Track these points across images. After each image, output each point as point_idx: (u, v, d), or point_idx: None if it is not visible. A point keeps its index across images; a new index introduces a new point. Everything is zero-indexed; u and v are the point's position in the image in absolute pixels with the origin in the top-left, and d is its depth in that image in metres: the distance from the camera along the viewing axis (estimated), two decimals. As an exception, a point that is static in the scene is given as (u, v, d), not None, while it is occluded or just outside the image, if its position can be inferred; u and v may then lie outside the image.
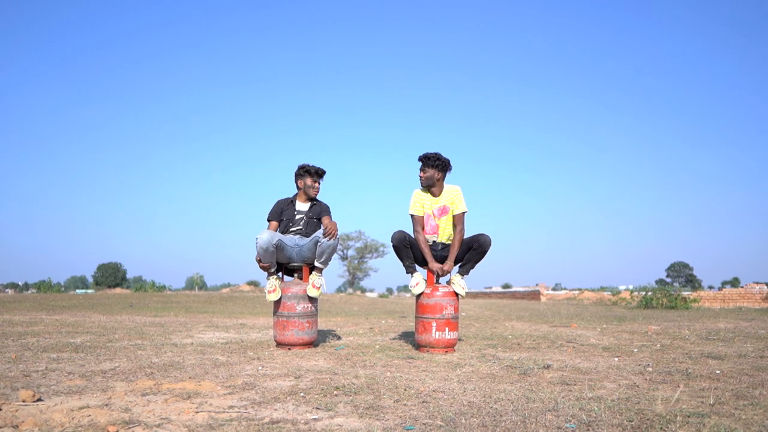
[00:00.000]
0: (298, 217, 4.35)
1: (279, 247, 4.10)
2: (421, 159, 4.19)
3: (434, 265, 4.06)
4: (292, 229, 4.30)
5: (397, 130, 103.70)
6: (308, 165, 4.41)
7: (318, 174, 4.40)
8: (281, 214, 4.35)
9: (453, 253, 4.11)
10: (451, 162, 4.22)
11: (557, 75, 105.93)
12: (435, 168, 4.16)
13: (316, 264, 4.19)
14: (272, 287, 4.06)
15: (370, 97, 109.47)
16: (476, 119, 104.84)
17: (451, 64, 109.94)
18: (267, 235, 3.99)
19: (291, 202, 4.42)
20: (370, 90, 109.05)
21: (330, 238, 4.11)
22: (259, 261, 4.06)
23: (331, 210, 4.44)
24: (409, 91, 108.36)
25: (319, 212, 4.39)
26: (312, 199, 4.42)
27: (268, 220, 4.33)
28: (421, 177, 4.20)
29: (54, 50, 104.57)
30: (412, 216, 4.25)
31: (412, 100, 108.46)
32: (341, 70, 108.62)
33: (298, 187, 4.44)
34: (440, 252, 4.21)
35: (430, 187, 4.22)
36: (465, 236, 4.19)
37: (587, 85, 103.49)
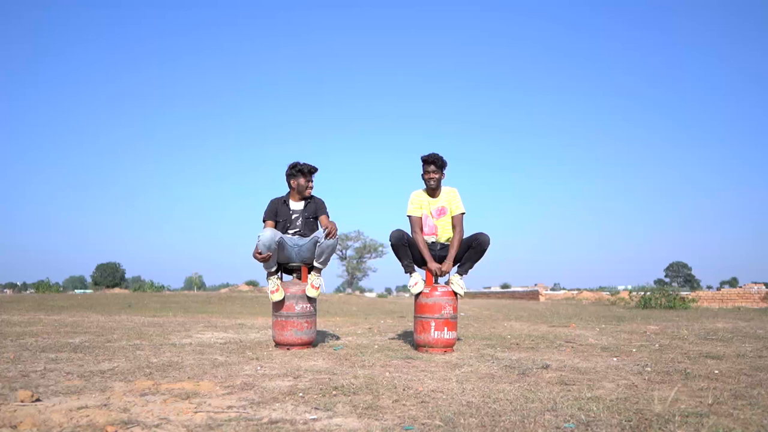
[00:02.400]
0: (294, 217, 4.32)
1: (280, 245, 4.09)
2: (431, 161, 4.17)
3: (433, 265, 4.06)
4: (290, 231, 4.28)
5: (395, 130, 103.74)
6: (300, 164, 4.31)
7: (311, 172, 4.33)
8: (276, 215, 4.33)
9: (452, 253, 4.11)
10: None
11: (556, 75, 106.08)
12: (441, 169, 4.19)
13: (315, 264, 4.19)
14: (275, 287, 4.05)
15: (369, 97, 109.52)
16: (475, 119, 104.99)
17: (449, 64, 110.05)
18: (270, 232, 3.99)
19: (284, 201, 4.37)
20: (369, 90, 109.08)
21: (330, 238, 4.10)
22: (259, 254, 4.02)
23: (326, 204, 4.41)
24: (408, 91, 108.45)
25: (315, 210, 4.35)
26: (305, 197, 4.39)
27: (264, 221, 4.30)
28: (432, 178, 4.18)
29: (52, 53, 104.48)
30: (409, 217, 4.25)
31: (411, 100, 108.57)
32: (339, 71, 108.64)
33: (290, 186, 4.36)
34: (439, 252, 4.21)
35: (435, 188, 4.22)
36: (464, 236, 4.20)
37: (585, 85, 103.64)
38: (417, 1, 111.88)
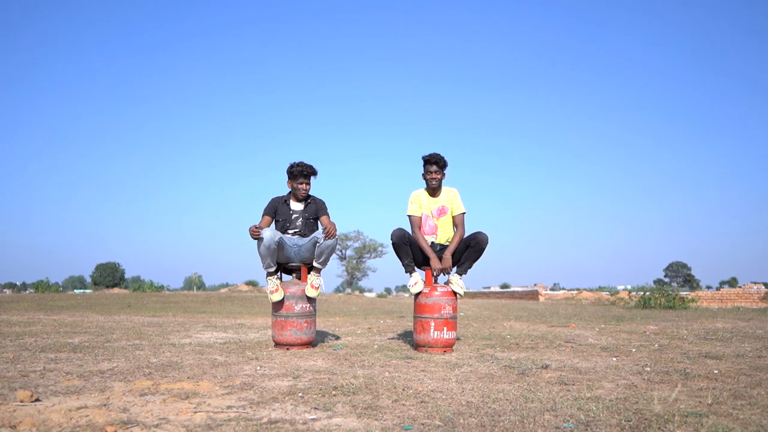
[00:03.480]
0: (294, 217, 4.32)
1: (280, 245, 4.09)
2: (434, 161, 4.18)
3: (436, 264, 4.05)
4: (289, 231, 4.28)
5: (395, 129, 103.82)
6: (296, 166, 4.27)
7: (304, 175, 4.28)
8: (276, 213, 4.32)
9: (451, 247, 4.11)
10: None
11: (555, 74, 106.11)
12: (443, 170, 4.21)
13: (315, 264, 4.19)
14: (274, 287, 4.05)
15: (369, 97, 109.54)
16: (474, 119, 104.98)
17: (448, 64, 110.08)
18: (269, 233, 3.99)
19: (285, 201, 4.36)
20: (369, 89, 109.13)
21: (329, 239, 4.10)
22: (255, 228, 3.97)
23: (326, 205, 4.40)
24: (407, 90, 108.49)
25: (315, 211, 4.35)
26: (306, 197, 4.39)
27: (263, 215, 4.30)
28: (434, 179, 4.19)
29: (52, 53, 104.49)
30: (410, 217, 4.25)
31: (410, 99, 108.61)
32: (339, 70, 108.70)
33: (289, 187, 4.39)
34: (438, 253, 4.21)
35: (436, 188, 4.23)
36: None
37: (583, 84, 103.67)
38: (416, 4, 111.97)
